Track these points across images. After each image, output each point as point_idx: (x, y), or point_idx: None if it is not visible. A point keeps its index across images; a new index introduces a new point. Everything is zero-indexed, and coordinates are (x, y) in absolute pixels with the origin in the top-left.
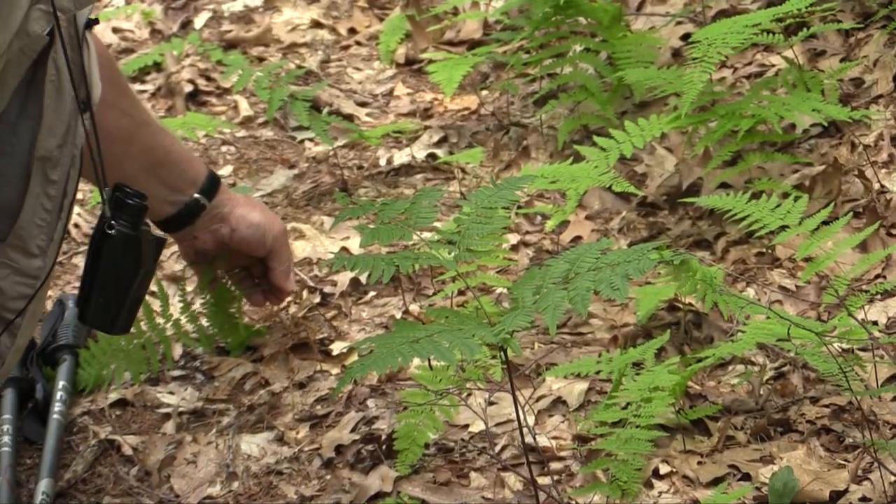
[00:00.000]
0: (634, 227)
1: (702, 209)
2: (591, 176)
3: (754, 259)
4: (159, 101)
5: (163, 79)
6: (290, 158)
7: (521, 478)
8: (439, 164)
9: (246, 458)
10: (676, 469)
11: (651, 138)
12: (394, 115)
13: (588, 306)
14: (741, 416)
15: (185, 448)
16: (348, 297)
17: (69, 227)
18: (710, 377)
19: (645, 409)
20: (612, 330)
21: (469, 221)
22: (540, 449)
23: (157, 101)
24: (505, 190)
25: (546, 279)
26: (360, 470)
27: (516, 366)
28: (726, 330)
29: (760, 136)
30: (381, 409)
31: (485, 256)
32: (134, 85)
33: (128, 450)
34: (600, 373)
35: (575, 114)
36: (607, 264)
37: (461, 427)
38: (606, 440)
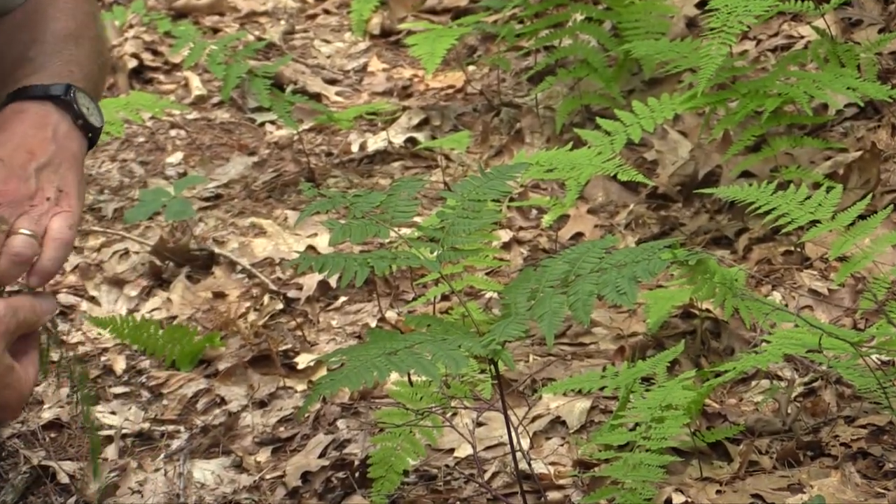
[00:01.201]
0: (644, 222)
1: (721, 201)
2: (593, 163)
3: (781, 258)
4: None
5: None
6: (249, 144)
7: None
8: (420, 150)
9: (199, 486)
10: (692, 499)
11: (662, 120)
12: (367, 94)
13: (591, 313)
14: (766, 439)
15: (130, 476)
16: (316, 303)
17: None
18: (731, 394)
19: (656, 430)
20: (619, 340)
21: (454, 216)
22: (536, 476)
23: None
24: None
25: (542, 282)
26: (330, 501)
27: (509, 381)
28: (749, 340)
29: (788, 117)
30: (354, 432)
31: (472, 256)
32: None
33: (64, 477)
34: (605, 389)
35: (575, 92)
36: (612, 265)
37: (445, 451)
38: (612, 466)
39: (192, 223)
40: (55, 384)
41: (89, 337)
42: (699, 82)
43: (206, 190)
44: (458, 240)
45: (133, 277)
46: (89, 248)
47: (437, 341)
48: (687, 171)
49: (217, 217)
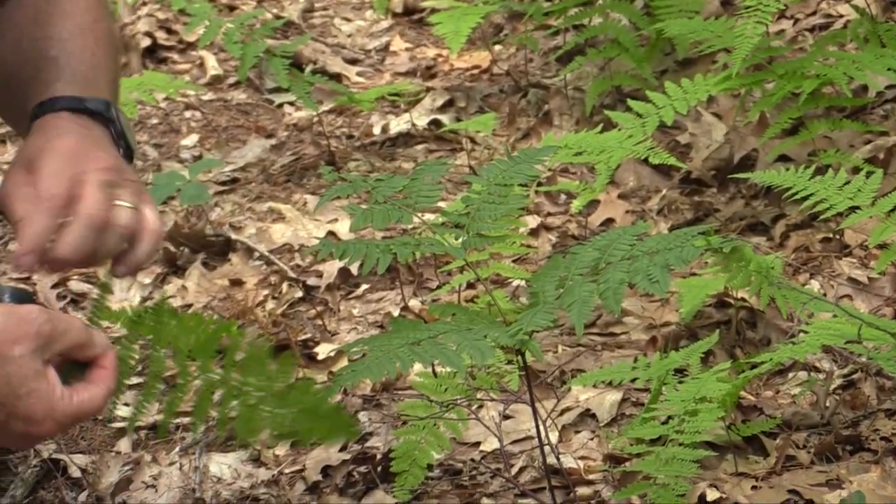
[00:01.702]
0: (677, 208)
1: (757, 187)
2: (624, 147)
3: (819, 246)
4: None
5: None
6: (267, 126)
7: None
8: (444, 132)
9: (215, 481)
10: (727, 495)
11: (696, 102)
12: (390, 74)
13: (621, 302)
14: (803, 433)
15: (144, 469)
16: (336, 291)
17: None
18: (767, 386)
19: (689, 423)
20: (651, 330)
21: (480, 201)
22: (565, 471)
23: None
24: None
25: (572, 270)
26: (352, 496)
27: (536, 373)
28: (786, 330)
29: (826, 99)
30: (376, 424)
31: (498, 242)
32: None
33: (75, 471)
34: (636, 381)
35: (605, 73)
36: (644, 252)
37: (471, 445)
38: (643, 461)
39: (208, 208)
40: None
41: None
42: (734, 63)
43: (223, 174)
44: (483, 226)
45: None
46: None
47: (463, 331)
48: (722, 155)
49: (234, 202)
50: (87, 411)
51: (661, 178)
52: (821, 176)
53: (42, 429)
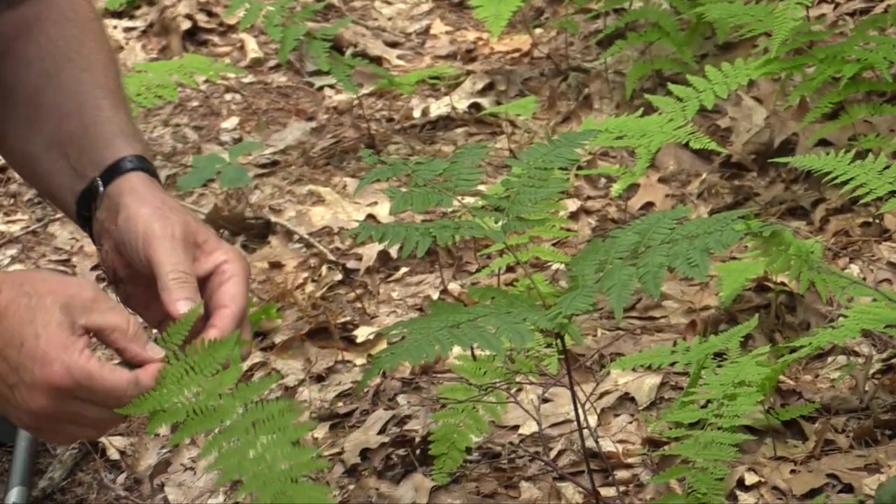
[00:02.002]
0: (717, 192)
1: (797, 171)
2: (664, 131)
3: (859, 230)
4: (151, 40)
5: (155, 14)
6: (307, 109)
7: (582, 489)
8: (484, 116)
9: None
10: (765, 479)
11: (736, 86)
12: (430, 57)
13: (661, 286)
14: (843, 417)
15: (182, 452)
16: (375, 274)
17: None
18: (807, 370)
19: (728, 407)
20: (690, 314)
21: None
22: (603, 454)
23: (148, 39)
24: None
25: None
26: (390, 479)
27: (576, 356)
28: (825, 314)
29: (867, 84)
30: (415, 407)
31: (538, 226)
32: (121, 21)
33: (114, 453)
34: (675, 364)
35: (646, 57)
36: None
37: (510, 429)
38: (682, 444)
39: (248, 191)
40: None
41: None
42: (774, 47)
43: (263, 156)
44: (523, 209)
45: None
46: None
47: (502, 314)
48: (762, 139)
49: (273, 184)
50: (101, 382)
51: (701, 162)
52: (861, 160)
53: (52, 371)
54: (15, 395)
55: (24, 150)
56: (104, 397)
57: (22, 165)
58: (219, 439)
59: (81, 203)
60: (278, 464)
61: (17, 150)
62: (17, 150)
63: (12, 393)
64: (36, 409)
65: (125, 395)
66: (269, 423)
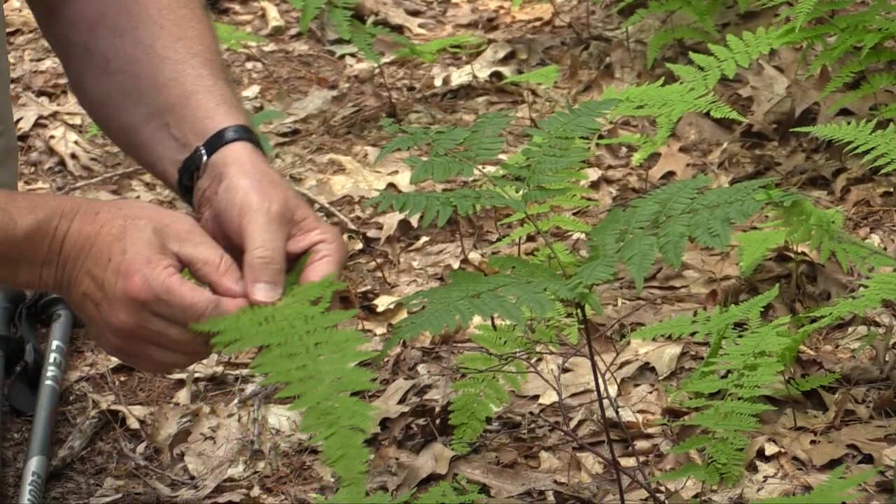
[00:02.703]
0: (737, 162)
1: (818, 140)
2: (686, 100)
3: (880, 200)
4: None
5: None
6: (329, 77)
7: (601, 459)
8: (505, 84)
9: (274, 433)
10: (785, 449)
11: (758, 56)
12: (451, 26)
13: (682, 255)
14: (863, 387)
15: (202, 421)
16: (396, 243)
17: (67, 160)
18: (827, 340)
19: (749, 378)
20: (711, 284)
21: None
22: (623, 425)
23: None
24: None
25: (632, 223)
26: (410, 448)
27: (596, 326)
28: (846, 284)
29: (888, 53)
30: (435, 377)
31: (559, 195)
32: None
33: (134, 423)
34: (696, 335)
35: (667, 26)
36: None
37: (530, 398)
38: (702, 415)
39: (269, 159)
40: None
41: None
42: (796, 16)
43: (284, 125)
44: (544, 178)
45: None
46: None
47: (522, 284)
48: (783, 109)
49: (294, 153)
50: (181, 298)
51: (722, 131)
52: (882, 130)
53: (133, 282)
54: (101, 313)
55: (123, 121)
56: (183, 314)
57: (120, 135)
58: (276, 350)
59: (183, 172)
60: (328, 376)
61: (115, 120)
62: (115, 120)
63: (99, 312)
64: (118, 324)
65: (204, 314)
66: (329, 346)
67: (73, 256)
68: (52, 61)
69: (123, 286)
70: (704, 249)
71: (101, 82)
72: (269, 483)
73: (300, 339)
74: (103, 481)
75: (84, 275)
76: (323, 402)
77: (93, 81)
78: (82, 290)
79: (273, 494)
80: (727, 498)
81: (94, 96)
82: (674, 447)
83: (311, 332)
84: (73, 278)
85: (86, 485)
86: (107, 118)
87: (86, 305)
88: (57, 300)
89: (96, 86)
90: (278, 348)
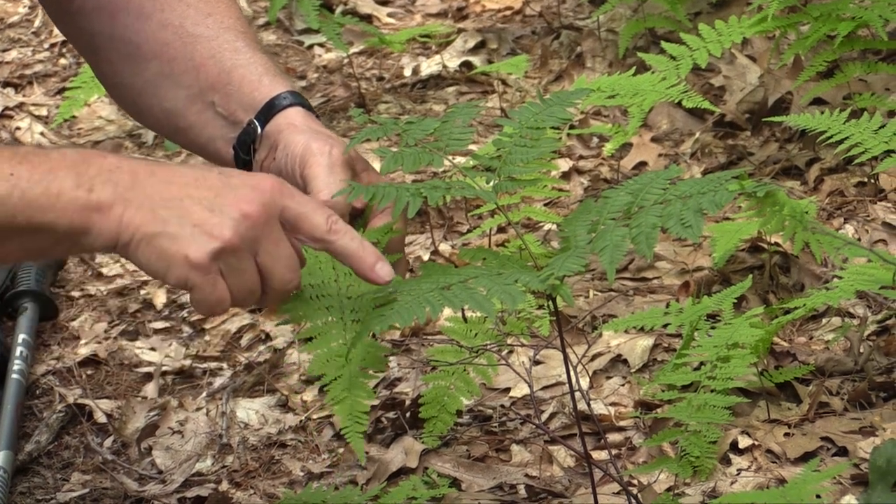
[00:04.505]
0: (710, 152)
1: (791, 130)
2: (657, 90)
3: (854, 190)
4: None
5: None
6: (297, 67)
7: (573, 452)
8: (475, 74)
9: (242, 426)
10: (759, 442)
11: (730, 45)
12: (421, 15)
13: (654, 247)
14: (837, 379)
15: (170, 415)
16: None
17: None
18: (801, 332)
19: (722, 369)
20: (683, 275)
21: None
22: (595, 417)
23: None
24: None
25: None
26: (380, 442)
27: (567, 318)
28: (820, 275)
29: (862, 42)
30: (405, 370)
31: (530, 186)
32: None
33: (101, 417)
34: (668, 326)
35: (639, 14)
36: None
37: (501, 391)
38: (675, 407)
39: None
40: (92, 320)
41: (128, 269)
42: (769, 5)
43: None
44: (515, 169)
45: None
46: None
47: (493, 275)
48: (756, 98)
49: None
50: (313, 198)
51: (694, 121)
52: (856, 119)
53: (265, 177)
54: (217, 213)
55: (164, 107)
56: (312, 213)
57: (163, 123)
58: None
59: (239, 148)
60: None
61: (156, 107)
62: (156, 107)
63: (212, 216)
64: (248, 210)
65: (330, 218)
66: (360, 287)
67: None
68: (17, 52)
69: (256, 179)
70: (677, 240)
71: (135, 70)
72: (237, 478)
73: (335, 281)
74: (70, 476)
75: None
76: (339, 343)
77: (126, 71)
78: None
79: (242, 489)
80: (700, 491)
81: (130, 86)
82: (646, 440)
83: (351, 273)
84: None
85: (52, 479)
86: (147, 106)
87: (186, 207)
88: (23, 293)
89: (130, 75)
90: (310, 289)
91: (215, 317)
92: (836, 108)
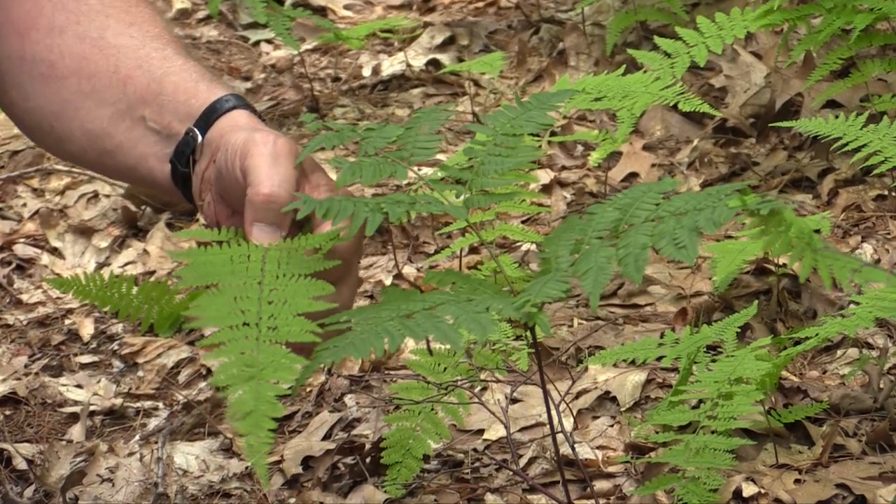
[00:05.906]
0: (710, 161)
1: (801, 137)
2: (650, 91)
3: (872, 204)
4: None
5: None
6: (242, 67)
7: (555, 501)
8: (444, 74)
9: (181, 474)
10: (766, 489)
11: (733, 40)
12: (382, 7)
13: (643, 270)
14: (854, 418)
15: (99, 461)
16: None
17: None
18: (813, 365)
19: (724, 408)
20: (680, 301)
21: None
22: (580, 463)
23: None
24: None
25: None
26: (336, 491)
27: (549, 350)
28: (834, 301)
29: (881, 37)
30: (365, 409)
31: (506, 201)
32: None
33: (21, 463)
34: (663, 359)
35: (629, 6)
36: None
37: (473, 433)
38: (671, 451)
39: None
40: (10, 353)
41: (51, 296)
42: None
43: None
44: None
45: (103, 225)
46: (51, 190)
47: (462, 302)
48: (761, 101)
49: None
50: None
51: (692, 126)
52: (874, 124)
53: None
54: None
55: (86, 129)
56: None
57: (85, 148)
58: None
59: (177, 161)
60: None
61: (76, 130)
62: (76, 130)
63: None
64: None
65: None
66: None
67: None
68: None
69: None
70: (672, 262)
71: (50, 91)
72: None
73: (259, 284)
74: None
75: None
76: (249, 351)
77: (38, 93)
78: None
79: None
80: None
81: (43, 110)
82: (638, 488)
83: (279, 277)
84: None
85: None
86: (66, 131)
87: None
88: None
89: (44, 97)
90: (230, 290)
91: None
92: (852, 111)
